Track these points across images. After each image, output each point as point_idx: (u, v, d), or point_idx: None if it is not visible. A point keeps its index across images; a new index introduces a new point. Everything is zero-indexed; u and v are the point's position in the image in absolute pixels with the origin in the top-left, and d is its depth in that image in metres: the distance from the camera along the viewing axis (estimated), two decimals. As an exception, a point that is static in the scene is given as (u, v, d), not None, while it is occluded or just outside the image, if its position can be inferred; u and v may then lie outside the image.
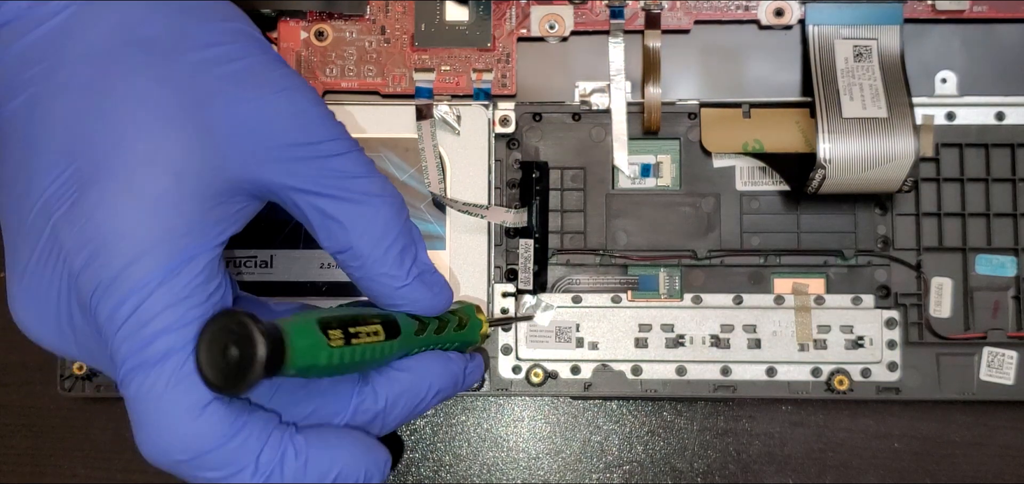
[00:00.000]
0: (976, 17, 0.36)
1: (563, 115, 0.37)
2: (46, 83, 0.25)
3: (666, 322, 0.36)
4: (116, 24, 0.25)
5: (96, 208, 0.24)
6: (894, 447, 0.37)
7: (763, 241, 0.37)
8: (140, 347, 0.24)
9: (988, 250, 0.36)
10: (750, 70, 0.37)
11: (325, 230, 0.27)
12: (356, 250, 0.28)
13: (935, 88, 0.37)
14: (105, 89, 0.25)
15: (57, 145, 0.25)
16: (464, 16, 0.37)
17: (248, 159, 0.26)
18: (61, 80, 0.25)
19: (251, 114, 0.26)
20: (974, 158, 0.36)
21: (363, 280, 0.28)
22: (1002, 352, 0.36)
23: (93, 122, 0.25)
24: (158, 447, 0.25)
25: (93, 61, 0.25)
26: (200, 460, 0.25)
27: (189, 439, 0.24)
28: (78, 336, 0.26)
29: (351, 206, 0.27)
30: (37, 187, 0.25)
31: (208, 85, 0.26)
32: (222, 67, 0.26)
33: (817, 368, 0.36)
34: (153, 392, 0.24)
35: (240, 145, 0.26)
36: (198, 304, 0.25)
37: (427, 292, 0.29)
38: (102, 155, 0.24)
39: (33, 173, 0.25)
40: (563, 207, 0.37)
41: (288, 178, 0.27)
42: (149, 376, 0.24)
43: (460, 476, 0.38)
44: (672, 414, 0.38)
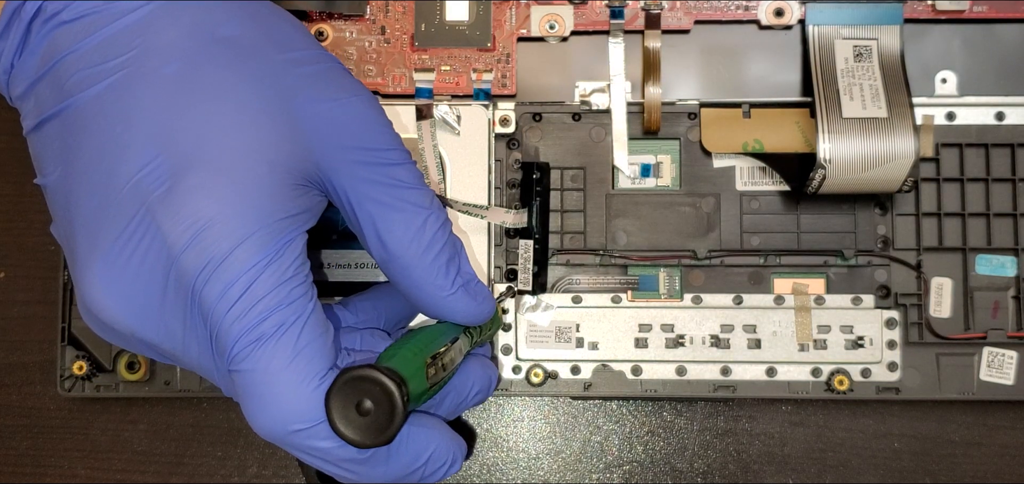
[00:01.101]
0: (976, 17, 0.36)
1: (563, 115, 0.37)
2: (131, 73, 0.26)
3: (666, 322, 0.36)
4: (195, 23, 0.27)
5: (196, 192, 0.26)
6: (894, 447, 0.37)
7: (763, 241, 0.37)
8: (255, 323, 0.26)
9: (988, 250, 0.36)
10: (750, 70, 0.37)
11: (375, 235, 0.29)
12: (404, 259, 0.29)
13: (935, 88, 0.37)
14: (195, 82, 0.26)
15: (147, 131, 0.26)
16: (464, 16, 0.37)
17: (324, 155, 0.28)
18: (148, 71, 0.26)
19: (329, 113, 0.28)
20: (974, 158, 0.36)
21: (409, 288, 0.30)
22: (1002, 352, 0.36)
23: (185, 112, 0.26)
24: (275, 418, 0.26)
25: (179, 55, 0.27)
26: (316, 429, 0.26)
27: (307, 408, 0.26)
28: (165, 315, 0.27)
29: (402, 215, 0.29)
30: (125, 171, 0.26)
31: (293, 83, 0.27)
32: (304, 68, 0.28)
33: (817, 368, 0.36)
34: (272, 366, 0.26)
35: (319, 141, 0.28)
36: (301, 283, 0.27)
37: (472, 302, 0.30)
38: (197, 144, 0.26)
39: (120, 158, 0.26)
40: (563, 207, 0.37)
41: (351, 179, 0.28)
42: (265, 350, 0.26)
43: (460, 476, 0.38)
44: (672, 414, 0.38)
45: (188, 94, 0.26)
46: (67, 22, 0.27)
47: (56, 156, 0.27)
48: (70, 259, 0.28)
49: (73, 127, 0.27)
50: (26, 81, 0.27)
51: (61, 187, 0.27)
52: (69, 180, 0.27)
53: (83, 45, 0.27)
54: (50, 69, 0.27)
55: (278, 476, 0.38)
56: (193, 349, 0.27)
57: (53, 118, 0.27)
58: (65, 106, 0.27)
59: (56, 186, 0.27)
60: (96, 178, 0.26)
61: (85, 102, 0.27)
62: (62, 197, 0.27)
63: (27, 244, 0.39)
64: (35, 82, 0.27)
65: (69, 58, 0.27)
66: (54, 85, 0.27)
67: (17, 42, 0.27)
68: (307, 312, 0.26)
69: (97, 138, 0.26)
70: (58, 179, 0.27)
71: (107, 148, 0.26)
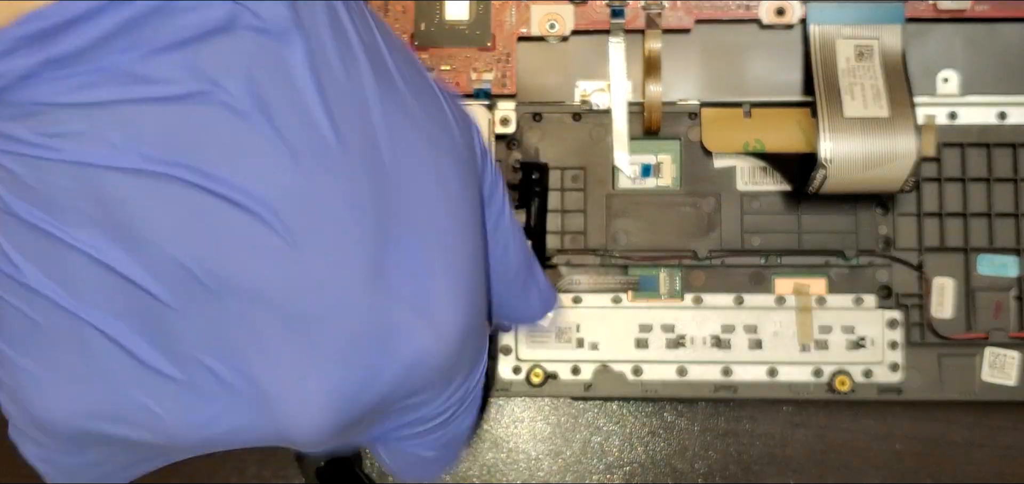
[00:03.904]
0: (978, 16, 0.36)
1: (563, 115, 0.37)
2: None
3: (667, 323, 0.36)
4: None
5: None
6: (896, 448, 0.37)
7: (764, 241, 0.36)
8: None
9: (990, 250, 0.36)
10: (751, 70, 0.37)
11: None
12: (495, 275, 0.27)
13: (937, 87, 0.37)
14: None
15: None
16: (464, 15, 0.37)
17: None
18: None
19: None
20: (976, 158, 0.36)
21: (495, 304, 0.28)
22: (1004, 352, 0.36)
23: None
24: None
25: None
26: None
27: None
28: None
29: (498, 236, 0.27)
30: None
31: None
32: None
33: (818, 369, 0.36)
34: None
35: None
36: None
37: (544, 305, 0.29)
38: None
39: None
40: (563, 207, 0.37)
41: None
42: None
43: (460, 477, 0.38)
44: (673, 415, 0.38)
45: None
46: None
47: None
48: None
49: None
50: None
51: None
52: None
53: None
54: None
55: (277, 476, 0.38)
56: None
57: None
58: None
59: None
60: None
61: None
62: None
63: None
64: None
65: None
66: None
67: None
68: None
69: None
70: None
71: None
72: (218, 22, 0.19)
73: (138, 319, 0.20)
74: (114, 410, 0.21)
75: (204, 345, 0.21)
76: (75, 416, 0.21)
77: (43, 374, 0.21)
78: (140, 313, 0.20)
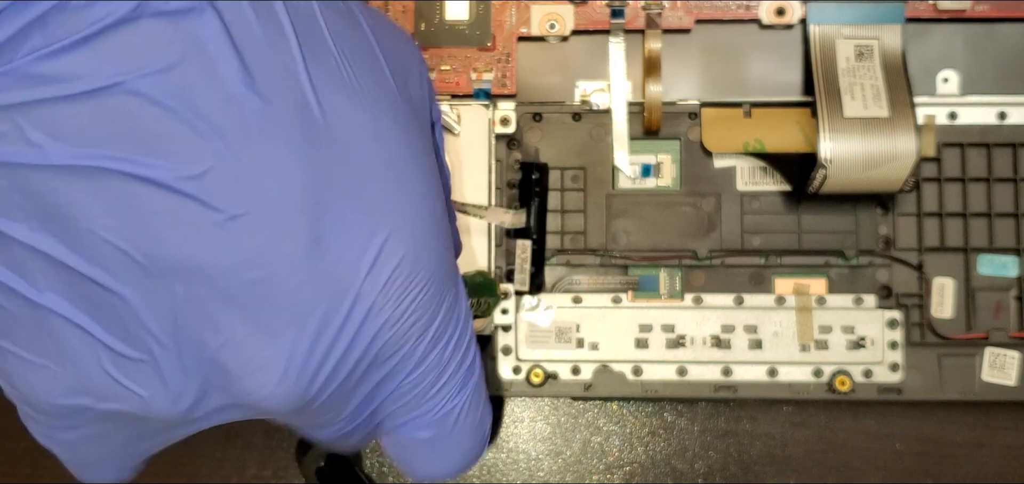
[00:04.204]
0: (978, 16, 0.36)
1: (563, 115, 0.37)
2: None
3: (667, 322, 0.36)
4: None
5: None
6: (896, 448, 0.37)
7: (764, 241, 0.36)
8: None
9: (990, 250, 0.36)
10: (751, 70, 0.37)
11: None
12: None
13: (937, 87, 0.37)
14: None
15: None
16: (464, 15, 0.37)
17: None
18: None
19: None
20: (976, 158, 0.36)
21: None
22: (1004, 352, 0.36)
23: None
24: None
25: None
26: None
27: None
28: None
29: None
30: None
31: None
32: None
33: (818, 369, 0.36)
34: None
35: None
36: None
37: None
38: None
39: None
40: (563, 207, 0.37)
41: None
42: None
43: (460, 477, 0.38)
44: (673, 415, 0.38)
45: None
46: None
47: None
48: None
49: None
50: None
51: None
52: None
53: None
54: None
55: (277, 476, 0.38)
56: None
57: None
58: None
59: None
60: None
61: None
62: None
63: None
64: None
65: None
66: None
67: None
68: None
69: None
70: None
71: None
72: (124, 12, 0.19)
73: (91, 306, 0.21)
74: (90, 387, 0.22)
75: (156, 327, 0.21)
76: (57, 394, 0.22)
77: (24, 355, 0.22)
78: (91, 299, 0.21)
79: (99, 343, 0.21)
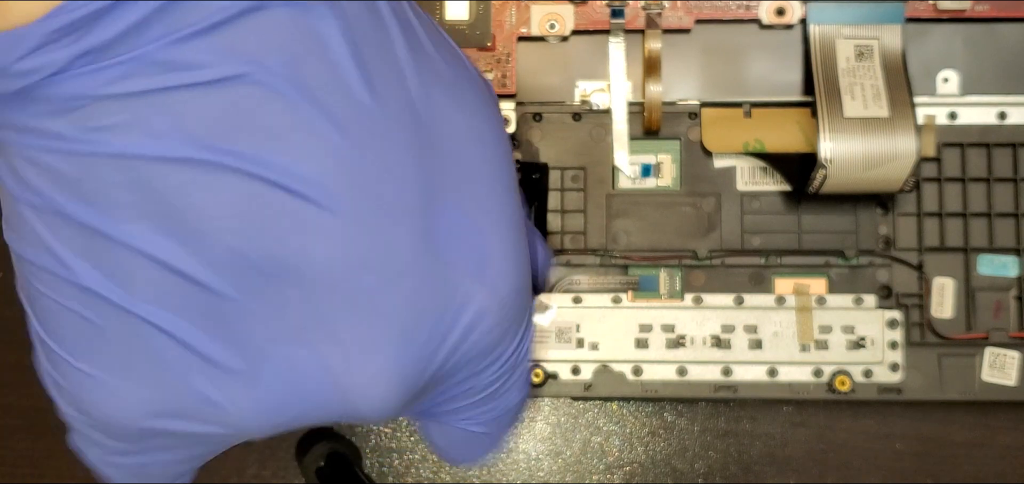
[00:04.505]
0: (978, 16, 0.36)
1: (563, 115, 0.37)
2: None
3: (667, 323, 0.36)
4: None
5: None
6: (896, 448, 0.37)
7: (764, 241, 0.36)
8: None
9: (990, 250, 0.36)
10: (751, 69, 0.37)
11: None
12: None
13: (937, 87, 0.37)
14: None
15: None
16: (464, 15, 0.37)
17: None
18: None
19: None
20: (976, 158, 0.36)
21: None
22: (1004, 352, 0.36)
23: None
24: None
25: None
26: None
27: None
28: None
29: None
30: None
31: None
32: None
33: (819, 369, 0.36)
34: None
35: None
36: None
37: (544, 255, 0.30)
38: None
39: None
40: (563, 207, 0.37)
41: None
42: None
43: (460, 477, 0.38)
44: (673, 415, 0.38)
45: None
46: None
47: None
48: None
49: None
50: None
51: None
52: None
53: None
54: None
55: (277, 476, 0.38)
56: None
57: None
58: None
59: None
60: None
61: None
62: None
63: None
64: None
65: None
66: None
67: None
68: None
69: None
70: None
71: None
72: (249, 2, 0.19)
73: (196, 313, 0.20)
74: (177, 407, 0.21)
75: (268, 333, 0.20)
76: (139, 416, 0.21)
77: (104, 376, 0.21)
78: (198, 307, 0.20)
79: (197, 356, 0.20)
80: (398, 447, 0.38)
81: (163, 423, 0.21)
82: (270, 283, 0.20)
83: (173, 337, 0.20)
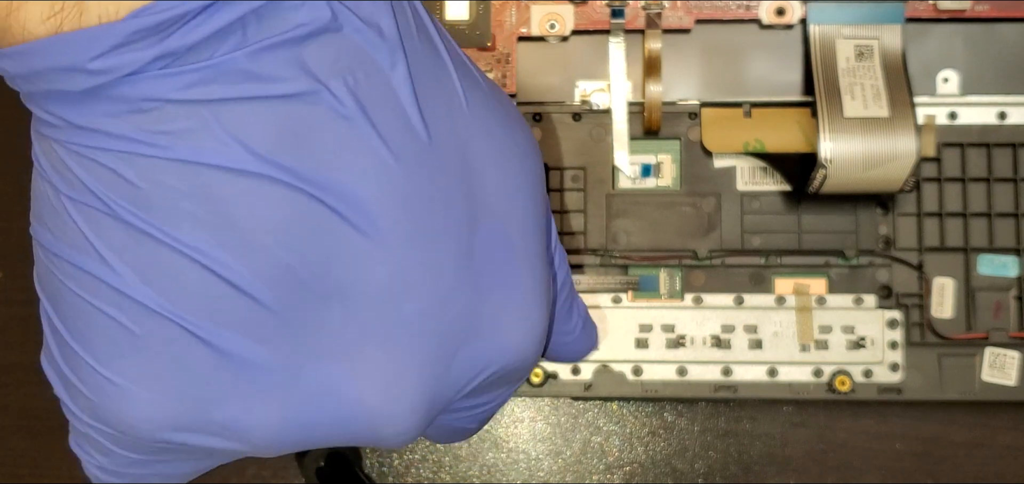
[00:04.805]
0: (978, 16, 0.36)
1: (563, 115, 0.37)
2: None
3: (667, 322, 0.36)
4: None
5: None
6: (896, 448, 0.37)
7: (764, 241, 0.36)
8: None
9: (990, 250, 0.36)
10: (751, 69, 0.37)
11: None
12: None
13: (937, 87, 0.37)
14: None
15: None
16: (464, 15, 0.37)
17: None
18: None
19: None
20: (976, 158, 0.36)
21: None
22: (1004, 352, 0.36)
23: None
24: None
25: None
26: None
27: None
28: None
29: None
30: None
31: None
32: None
33: (819, 369, 0.36)
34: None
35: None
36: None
37: (588, 342, 0.29)
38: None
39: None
40: (563, 207, 0.37)
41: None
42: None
43: (460, 477, 0.38)
44: (673, 415, 0.38)
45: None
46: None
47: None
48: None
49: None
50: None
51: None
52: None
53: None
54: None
55: (277, 477, 0.38)
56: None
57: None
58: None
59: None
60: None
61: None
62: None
63: (27, 244, 0.39)
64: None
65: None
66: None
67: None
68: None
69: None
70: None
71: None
72: (325, 22, 0.19)
73: (238, 323, 0.20)
74: (204, 422, 0.21)
75: (306, 349, 0.20)
76: (160, 428, 0.21)
77: (130, 385, 0.20)
78: (240, 318, 0.20)
79: (234, 369, 0.20)
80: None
81: (182, 437, 0.21)
82: (315, 300, 0.20)
83: (210, 345, 0.20)
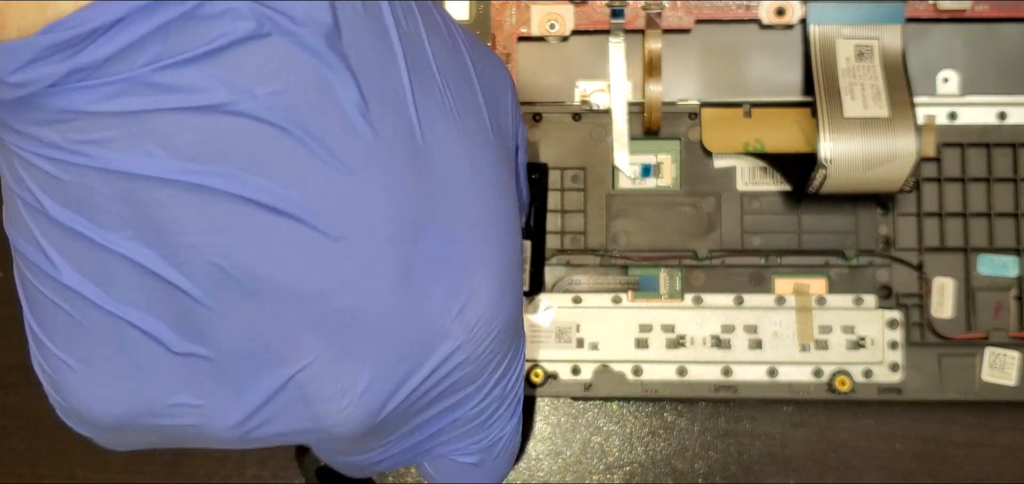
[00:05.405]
0: (978, 16, 0.36)
1: (563, 115, 0.37)
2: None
3: (667, 322, 0.36)
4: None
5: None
6: (896, 448, 0.37)
7: (764, 241, 0.36)
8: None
9: (990, 250, 0.36)
10: (751, 70, 0.37)
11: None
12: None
13: (937, 87, 0.37)
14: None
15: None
16: (464, 15, 0.37)
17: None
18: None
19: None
20: (976, 158, 0.36)
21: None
22: (1004, 352, 0.36)
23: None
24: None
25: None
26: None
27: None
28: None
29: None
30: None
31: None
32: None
33: (819, 369, 0.36)
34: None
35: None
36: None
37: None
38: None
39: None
40: (563, 207, 0.37)
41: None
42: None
43: (460, 477, 0.38)
44: (673, 415, 0.38)
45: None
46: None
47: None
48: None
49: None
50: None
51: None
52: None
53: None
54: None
55: (277, 477, 0.38)
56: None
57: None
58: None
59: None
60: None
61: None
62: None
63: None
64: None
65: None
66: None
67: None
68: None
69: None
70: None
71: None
72: (249, 30, 0.19)
73: (174, 315, 0.21)
74: (152, 407, 0.21)
75: (240, 343, 0.21)
76: (112, 414, 0.22)
77: (82, 369, 0.21)
78: (176, 310, 0.20)
79: (173, 356, 0.21)
80: (398, 447, 0.38)
81: (137, 420, 0.22)
82: (248, 296, 0.20)
83: (151, 337, 0.21)
